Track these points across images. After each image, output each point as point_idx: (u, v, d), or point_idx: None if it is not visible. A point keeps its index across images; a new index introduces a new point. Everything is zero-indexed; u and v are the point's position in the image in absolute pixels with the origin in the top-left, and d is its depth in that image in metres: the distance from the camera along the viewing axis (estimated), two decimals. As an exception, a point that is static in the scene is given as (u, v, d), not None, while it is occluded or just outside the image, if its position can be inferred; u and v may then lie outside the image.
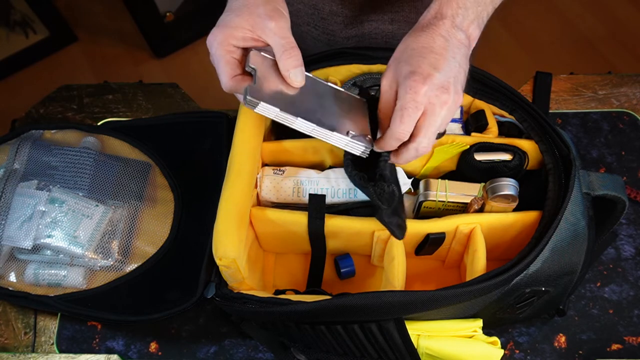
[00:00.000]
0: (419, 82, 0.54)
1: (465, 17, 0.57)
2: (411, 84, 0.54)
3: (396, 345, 0.65)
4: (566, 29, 2.07)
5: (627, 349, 0.80)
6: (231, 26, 0.57)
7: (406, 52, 0.56)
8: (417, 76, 0.54)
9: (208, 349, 0.82)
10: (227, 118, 0.90)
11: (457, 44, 0.56)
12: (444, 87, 0.55)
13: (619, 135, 0.93)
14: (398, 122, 0.56)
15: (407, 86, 0.54)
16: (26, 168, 0.84)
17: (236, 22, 0.57)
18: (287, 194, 0.75)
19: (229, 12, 0.58)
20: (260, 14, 0.57)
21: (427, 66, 0.54)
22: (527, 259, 0.64)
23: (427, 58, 0.55)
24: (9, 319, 0.85)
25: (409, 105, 0.55)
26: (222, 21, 0.58)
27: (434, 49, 0.55)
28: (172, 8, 1.96)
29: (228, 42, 0.57)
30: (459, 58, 0.56)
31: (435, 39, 0.55)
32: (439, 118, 0.56)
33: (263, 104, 0.56)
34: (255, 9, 0.57)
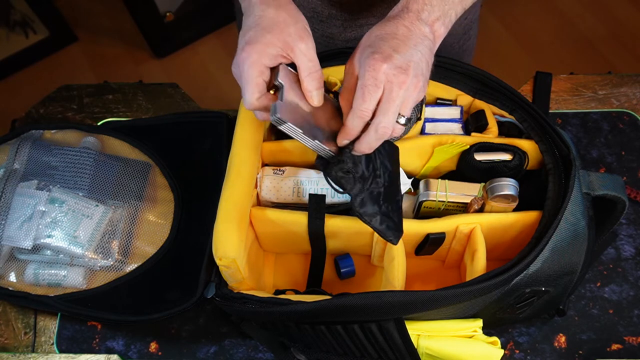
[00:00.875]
0: (379, 61, 0.55)
1: (430, 13, 0.59)
2: (371, 62, 0.55)
3: (396, 345, 0.65)
4: (566, 29, 2.07)
5: (627, 349, 0.80)
6: (264, 43, 0.57)
7: (370, 39, 0.58)
8: (377, 55, 0.56)
9: (208, 349, 0.82)
10: (227, 118, 0.90)
11: (420, 35, 0.58)
12: (403, 68, 0.56)
13: (619, 135, 0.93)
14: (360, 100, 0.56)
15: (367, 64, 0.56)
16: (26, 168, 0.84)
17: (268, 40, 0.57)
18: (287, 194, 0.75)
19: (258, 29, 0.58)
20: (291, 34, 0.58)
21: (388, 48, 0.56)
22: (527, 259, 0.64)
23: (389, 42, 0.57)
24: (9, 319, 0.85)
25: (369, 82, 0.56)
26: (253, 38, 0.58)
27: (397, 36, 0.57)
28: (172, 8, 1.96)
29: (261, 62, 0.58)
30: (420, 48, 0.58)
31: (399, 28, 0.58)
32: (398, 98, 0.57)
33: (288, 124, 0.58)
34: (286, 28, 0.58)
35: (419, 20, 0.58)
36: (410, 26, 0.58)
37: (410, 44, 0.57)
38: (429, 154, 0.77)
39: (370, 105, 0.57)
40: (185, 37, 2.08)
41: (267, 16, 0.58)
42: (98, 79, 2.05)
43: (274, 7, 0.59)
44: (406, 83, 0.56)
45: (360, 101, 0.56)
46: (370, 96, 0.56)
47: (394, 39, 0.57)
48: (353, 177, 0.63)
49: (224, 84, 2.02)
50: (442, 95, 0.80)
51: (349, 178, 0.62)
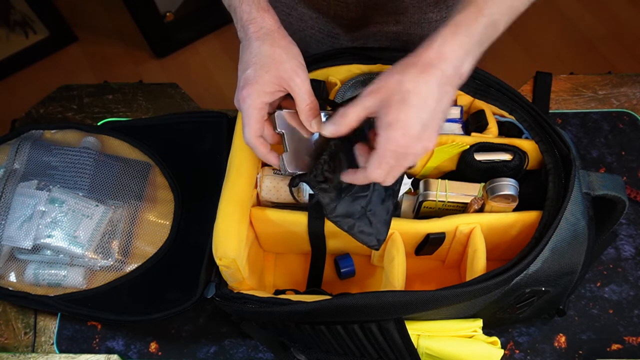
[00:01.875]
0: (401, 135, 0.55)
1: (465, 61, 0.56)
2: (394, 135, 0.55)
3: (396, 345, 0.65)
4: (566, 29, 2.06)
5: (627, 349, 0.80)
6: (261, 83, 0.59)
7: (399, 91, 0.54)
8: (401, 129, 0.54)
9: (208, 349, 0.82)
10: (227, 118, 0.90)
11: (449, 89, 0.56)
12: (420, 139, 0.55)
13: (619, 135, 0.93)
14: (376, 166, 0.57)
15: (390, 136, 0.55)
16: (26, 168, 0.84)
17: (266, 79, 0.59)
18: (287, 194, 0.75)
19: (256, 67, 0.60)
20: (287, 70, 0.60)
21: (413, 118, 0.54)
22: (527, 259, 0.64)
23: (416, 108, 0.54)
24: (9, 319, 0.85)
25: (388, 155, 0.56)
26: (252, 78, 0.60)
27: (426, 100, 0.54)
28: (172, 8, 1.96)
29: (261, 100, 0.60)
30: (444, 107, 0.56)
31: (431, 86, 0.54)
32: (407, 162, 0.58)
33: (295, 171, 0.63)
34: (282, 65, 0.60)
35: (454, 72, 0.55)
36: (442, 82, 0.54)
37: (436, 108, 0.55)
38: (429, 154, 0.77)
39: (383, 172, 0.57)
40: (185, 37, 2.08)
41: (263, 54, 0.60)
42: (98, 79, 2.05)
43: (269, 44, 0.60)
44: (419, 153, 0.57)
45: (375, 167, 0.57)
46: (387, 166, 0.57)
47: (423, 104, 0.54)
48: (325, 189, 0.64)
49: (224, 84, 2.02)
50: (442, 95, 0.79)
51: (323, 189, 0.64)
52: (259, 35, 0.61)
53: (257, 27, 0.61)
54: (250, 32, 0.61)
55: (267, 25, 0.61)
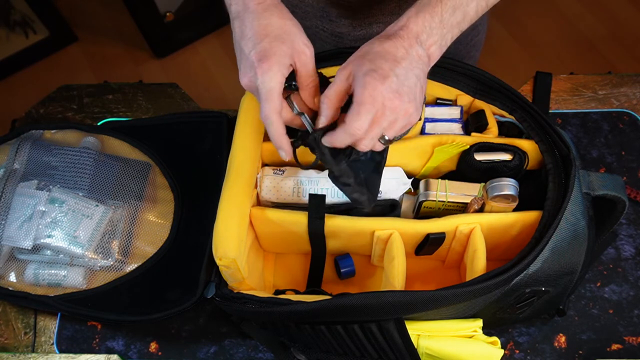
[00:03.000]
0: (378, 81, 0.55)
1: (429, 36, 0.59)
2: (370, 80, 0.55)
3: (396, 345, 0.65)
4: (566, 29, 2.07)
5: (627, 349, 0.80)
6: (280, 54, 0.58)
7: (369, 53, 0.57)
8: (377, 74, 0.55)
9: (208, 349, 0.82)
10: (227, 118, 0.90)
11: (417, 58, 0.58)
12: (398, 93, 0.56)
13: (619, 135, 0.93)
14: (355, 116, 0.56)
15: (366, 82, 0.55)
16: (26, 168, 0.84)
17: (284, 51, 0.58)
18: (287, 194, 0.75)
19: (270, 39, 0.58)
20: (300, 44, 0.59)
21: (387, 68, 0.56)
22: (527, 259, 0.64)
23: (389, 62, 0.56)
24: (9, 319, 0.85)
25: (367, 101, 0.55)
26: (269, 50, 0.58)
27: (396, 57, 0.57)
28: (172, 8, 1.96)
29: (282, 73, 0.58)
30: (416, 72, 0.58)
31: (398, 48, 0.57)
32: (385, 122, 0.57)
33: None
34: (295, 37, 0.59)
35: (418, 43, 0.58)
36: (408, 48, 0.58)
37: (407, 65, 0.57)
38: (429, 154, 0.77)
39: (364, 124, 0.56)
40: (185, 37, 2.09)
41: (274, 25, 0.59)
42: (98, 79, 2.05)
43: (277, 16, 0.59)
44: (398, 108, 0.57)
45: (355, 117, 0.56)
46: (367, 114, 0.56)
47: (393, 60, 0.57)
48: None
49: (224, 84, 2.02)
50: (442, 95, 0.80)
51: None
52: (264, 7, 0.60)
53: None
54: (253, 4, 0.60)
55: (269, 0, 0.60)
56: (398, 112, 0.57)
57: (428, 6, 0.59)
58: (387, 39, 0.58)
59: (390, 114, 0.56)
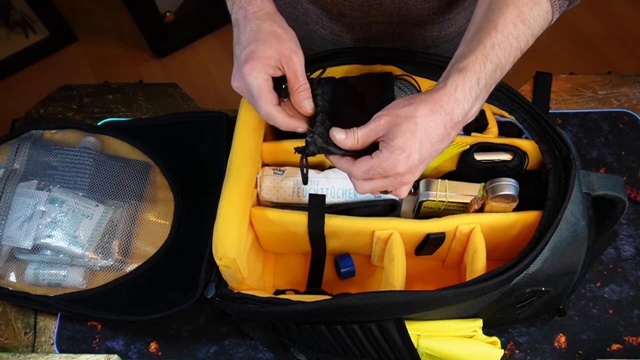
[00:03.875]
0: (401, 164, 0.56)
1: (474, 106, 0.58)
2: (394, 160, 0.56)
3: (396, 345, 0.65)
4: (566, 29, 2.07)
5: (627, 349, 0.80)
6: (265, 57, 0.60)
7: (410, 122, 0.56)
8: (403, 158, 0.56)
9: (208, 349, 0.82)
10: (227, 118, 0.90)
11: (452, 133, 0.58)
12: (412, 171, 0.57)
13: (619, 135, 0.93)
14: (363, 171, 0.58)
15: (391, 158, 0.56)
16: (26, 168, 0.84)
17: (268, 54, 0.60)
18: (287, 194, 0.75)
19: (258, 43, 0.60)
20: (286, 48, 0.60)
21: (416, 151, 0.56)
22: (527, 259, 0.64)
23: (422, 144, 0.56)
24: (9, 319, 0.85)
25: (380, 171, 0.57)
26: (255, 52, 0.60)
27: (431, 138, 0.56)
28: (172, 8, 1.96)
29: (266, 71, 0.60)
30: (443, 147, 0.59)
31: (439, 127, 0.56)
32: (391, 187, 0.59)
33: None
34: (282, 42, 0.61)
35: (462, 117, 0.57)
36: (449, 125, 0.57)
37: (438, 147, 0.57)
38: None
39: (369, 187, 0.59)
40: (185, 37, 2.09)
41: (265, 31, 0.61)
42: (98, 79, 2.05)
43: (270, 23, 0.61)
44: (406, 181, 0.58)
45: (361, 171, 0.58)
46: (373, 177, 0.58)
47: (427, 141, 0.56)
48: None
49: (224, 84, 2.02)
50: (442, 95, 0.79)
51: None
52: (259, 15, 0.62)
53: (257, 7, 0.62)
54: (250, 11, 0.62)
55: (267, 8, 0.62)
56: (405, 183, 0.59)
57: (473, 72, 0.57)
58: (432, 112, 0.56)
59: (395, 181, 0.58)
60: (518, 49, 0.60)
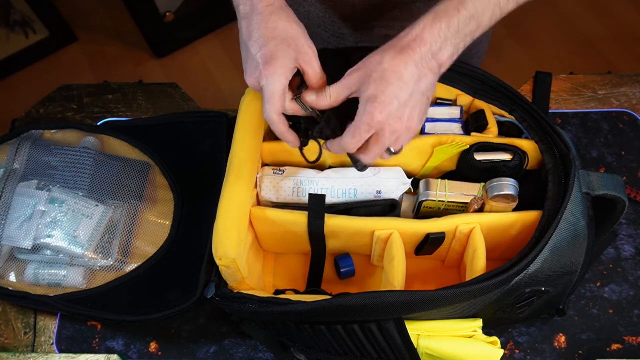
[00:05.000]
0: (377, 110, 0.57)
1: (443, 48, 0.59)
2: (370, 109, 0.57)
3: (396, 345, 0.65)
4: (566, 29, 2.07)
5: (627, 349, 0.80)
6: (287, 58, 0.59)
7: (378, 70, 0.57)
8: (378, 104, 0.57)
9: (208, 349, 0.82)
10: (227, 118, 0.90)
11: (427, 72, 0.58)
12: (399, 117, 0.58)
13: (619, 135, 0.93)
14: (350, 136, 0.59)
15: (367, 110, 0.57)
16: (26, 168, 0.84)
17: (290, 54, 0.60)
18: (287, 194, 0.75)
19: (276, 42, 0.60)
20: (304, 45, 0.61)
21: (390, 94, 0.57)
22: (527, 259, 0.64)
23: (394, 85, 0.57)
24: (9, 319, 0.85)
25: (363, 127, 0.58)
26: (274, 54, 0.59)
27: (403, 77, 0.57)
28: (172, 8, 1.96)
29: (286, 77, 0.60)
30: (424, 87, 0.59)
31: (409, 66, 0.57)
32: (387, 141, 0.59)
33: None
34: (299, 40, 0.60)
35: (431, 56, 0.58)
36: (420, 63, 0.57)
37: (414, 87, 0.58)
38: (429, 154, 0.77)
39: (357, 143, 0.59)
40: (185, 37, 2.09)
41: (281, 28, 0.60)
42: (98, 79, 2.05)
43: (285, 19, 0.61)
44: (399, 130, 0.58)
45: (350, 137, 0.59)
46: (360, 137, 0.59)
47: (399, 82, 0.57)
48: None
49: (224, 84, 2.02)
50: (442, 95, 0.80)
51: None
52: (272, 9, 0.61)
53: (268, 2, 0.61)
54: (262, 6, 0.61)
55: (277, 3, 0.62)
56: (399, 132, 0.59)
57: (445, 15, 0.58)
58: (399, 53, 0.57)
59: (390, 135, 0.59)
60: (497, 5, 0.60)
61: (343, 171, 0.77)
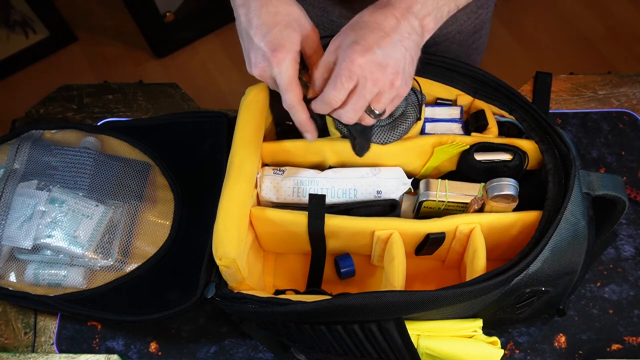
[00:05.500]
0: (357, 53, 0.55)
1: (423, 6, 0.57)
2: (350, 53, 0.55)
3: (396, 345, 0.65)
4: (566, 29, 2.07)
5: (627, 349, 0.80)
6: (293, 42, 0.58)
7: (358, 23, 0.57)
8: (358, 47, 0.55)
9: (208, 349, 0.82)
10: (227, 118, 0.90)
11: (409, 29, 0.57)
12: (381, 65, 0.55)
13: (619, 135, 0.93)
14: (331, 88, 0.57)
15: (346, 55, 0.55)
16: (26, 168, 0.84)
17: (295, 39, 0.58)
18: (287, 194, 0.75)
19: (280, 27, 0.58)
20: (307, 28, 0.60)
21: (371, 41, 0.55)
22: (527, 259, 0.64)
23: (374, 33, 0.55)
24: (9, 319, 0.85)
25: (343, 74, 0.55)
26: (281, 39, 0.58)
27: (384, 27, 0.55)
28: (172, 8, 1.96)
29: (296, 62, 0.59)
30: (406, 43, 0.57)
31: (388, 18, 0.56)
32: (368, 94, 0.57)
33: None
34: (302, 23, 0.59)
35: (410, 13, 0.57)
36: (400, 17, 0.56)
37: (395, 38, 0.56)
38: (429, 154, 0.77)
39: (340, 95, 0.57)
40: (185, 37, 2.09)
41: (283, 12, 0.59)
42: (98, 79, 2.05)
43: (285, 3, 0.60)
44: (381, 81, 0.56)
45: (330, 88, 0.56)
46: (342, 87, 0.56)
47: (380, 31, 0.55)
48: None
49: (224, 84, 2.02)
50: (442, 95, 0.80)
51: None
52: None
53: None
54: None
55: None
56: (382, 85, 0.57)
57: None
58: (378, 9, 0.57)
59: (372, 86, 0.56)
60: None
61: (343, 171, 0.77)
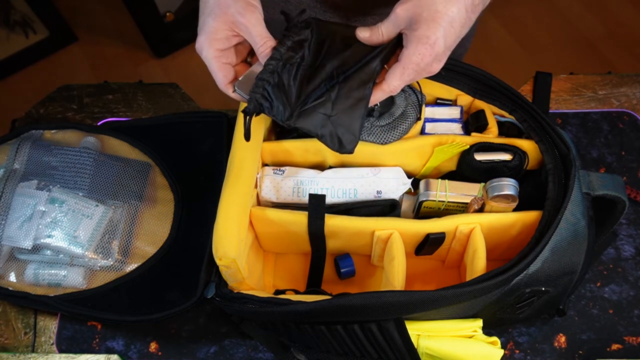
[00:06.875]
0: (428, 52, 0.57)
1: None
2: (422, 50, 0.57)
3: (396, 345, 0.65)
4: (566, 29, 2.07)
5: (627, 349, 0.80)
6: (210, 31, 0.61)
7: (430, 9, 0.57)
8: (429, 46, 0.57)
9: (208, 349, 0.82)
10: (227, 118, 0.90)
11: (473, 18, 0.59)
12: (438, 58, 0.59)
13: (619, 135, 0.93)
14: (397, 78, 0.59)
15: (418, 50, 0.57)
16: (26, 168, 0.84)
17: (212, 27, 0.61)
18: (287, 194, 0.75)
19: (204, 16, 0.62)
20: (233, 13, 0.60)
21: (440, 37, 0.57)
22: (527, 259, 0.64)
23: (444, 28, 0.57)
24: (9, 319, 0.85)
25: (411, 67, 0.58)
26: (201, 27, 0.61)
27: (454, 23, 0.57)
28: (172, 8, 1.96)
29: (214, 48, 0.61)
30: (466, 29, 0.59)
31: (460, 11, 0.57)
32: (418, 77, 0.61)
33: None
34: (227, 9, 0.61)
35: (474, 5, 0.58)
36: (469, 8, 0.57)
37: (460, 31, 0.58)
38: (429, 154, 0.77)
39: (402, 85, 0.60)
40: (185, 37, 2.08)
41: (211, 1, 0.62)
42: (98, 79, 2.05)
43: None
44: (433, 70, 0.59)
45: (398, 77, 0.59)
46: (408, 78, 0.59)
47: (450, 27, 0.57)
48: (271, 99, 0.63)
49: (224, 84, 2.02)
50: (442, 95, 0.80)
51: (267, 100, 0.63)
52: None
53: None
54: None
55: None
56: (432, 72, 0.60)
57: None
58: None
59: (424, 74, 0.60)
60: None
61: (343, 171, 0.77)
